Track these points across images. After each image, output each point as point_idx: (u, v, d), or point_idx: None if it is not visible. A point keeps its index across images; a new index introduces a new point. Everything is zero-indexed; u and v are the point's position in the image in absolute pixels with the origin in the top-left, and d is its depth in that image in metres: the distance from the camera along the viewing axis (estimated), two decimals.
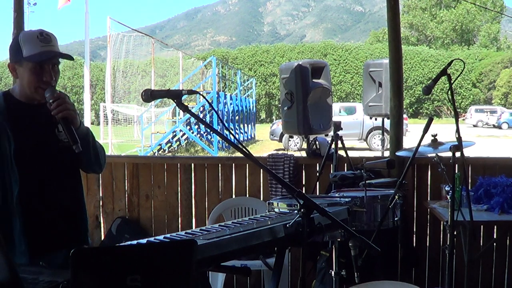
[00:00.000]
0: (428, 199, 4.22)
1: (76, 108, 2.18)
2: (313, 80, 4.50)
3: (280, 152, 4.65)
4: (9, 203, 2.15)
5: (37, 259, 2.11)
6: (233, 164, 4.45)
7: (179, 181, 4.50)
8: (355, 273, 2.92)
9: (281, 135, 18.33)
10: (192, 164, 4.54)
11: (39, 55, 2.12)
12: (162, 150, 18.18)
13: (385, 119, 5.39)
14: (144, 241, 1.69)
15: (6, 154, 2.13)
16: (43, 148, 2.21)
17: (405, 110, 13.58)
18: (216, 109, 17.48)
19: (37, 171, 2.20)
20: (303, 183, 4.40)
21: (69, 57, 2.23)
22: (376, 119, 5.76)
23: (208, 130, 18.19)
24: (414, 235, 4.26)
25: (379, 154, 6.06)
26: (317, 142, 4.42)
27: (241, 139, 21.24)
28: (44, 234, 2.21)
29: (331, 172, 3.94)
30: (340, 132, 4.06)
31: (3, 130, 2.14)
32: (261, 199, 4.33)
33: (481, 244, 4.11)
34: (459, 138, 2.88)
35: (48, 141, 2.21)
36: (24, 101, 2.21)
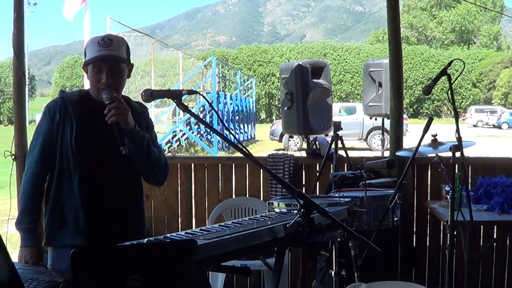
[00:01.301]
0: (428, 199, 4.22)
1: (127, 113, 2.25)
2: (313, 80, 4.50)
3: (280, 152, 4.65)
4: (70, 185, 2.29)
5: (95, 240, 2.26)
6: (233, 164, 4.45)
7: (179, 181, 4.50)
8: (355, 273, 2.93)
9: (281, 135, 18.32)
10: (192, 164, 4.53)
11: (93, 59, 2.25)
12: None
13: (385, 119, 5.38)
14: (144, 241, 1.69)
15: (67, 139, 2.27)
16: (104, 147, 2.30)
17: (405, 110, 13.56)
18: (216, 109, 17.48)
19: (97, 169, 2.30)
20: (303, 183, 4.40)
21: (123, 60, 2.30)
22: (376, 119, 5.75)
23: (208, 130, 18.19)
24: (414, 235, 4.25)
25: (379, 154, 6.06)
26: (317, 142, 4.42)
27: (241, 139, 21.24)
28: (100, 224, 2.31)
29: (331, 172, 3.94)
30: (340, 132, 4.06)
31: (68, 116, 2.29)
32: (261, 199, 4.33)
33: (481, 244, 4.11)
34: (459, 138, 2.87)
35: (110, 141, 2.27)
36: (98, 100, 2.32)
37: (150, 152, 2.33)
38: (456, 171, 3.31)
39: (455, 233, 2.93)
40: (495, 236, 4.09)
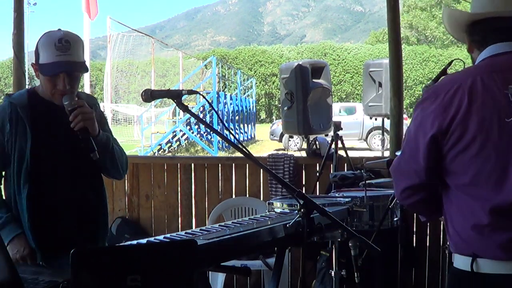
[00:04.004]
0: None
1: (93, 116, 2.17)
2: (313, 80, 4.51)
3: (280, 152, 4.66)
4: (20, 199, 2.18)
5: (49, 259, 2.15)
6: (233, 164, 4.45)
7: (179, 181, 4.50)
8: (355, 273, 2.92)
9: (281, 135, 18.31)
10: (192, 164, 4.54)
11: (50, 67, 2.11)
12: (162, 150, 18.17)
13: (385, 119, 5.38)
14: (144, 241, 1.69)
15: (23, 152, 2.16)
16: (59, 148, 2.21)
17: (405, 110, 13.55)
18: (216, 109, 17.48)
19: (50, 170, 2.22)
20: (303, 183, 4.40)
21: (84, 69, 2.18)
22: (376, 119, 5.76)
23: (208, 130, 18.19)
24: (414, 235, 4.25)
25: (379, 154, 6.07)
26: (317, 142, 4.43)
27: (241, 139, 21.23)
28: (52, 235, 2.21)
29: (331, 172, 3.94)
30: (340, 132, 4.07)
31: (22, 128, 2.17)
32: (261, 199, 4.33)
33: None
34: None
35: (66, 141, 2.21)
36: (48, 99, 2.23)
37: (114, 151, 2.28)
38: None
39: None
40: None
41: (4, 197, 2.27)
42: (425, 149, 1.65)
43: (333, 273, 2.82)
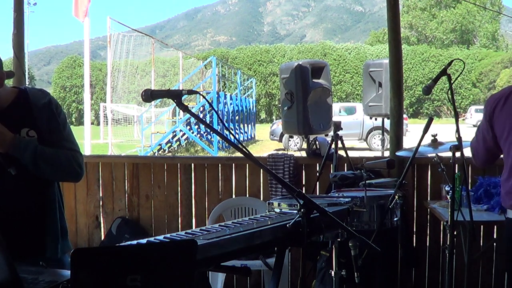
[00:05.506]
0: (428, 199, 4.22)
1: (3, 131, 2.04)
2: (313, 80, 4.50)
3: (280, 152, 4.65)
4: None
5: None
6: (233, 164, 4.45)
7: (179, 181, 4.50)
8: (355, 273, 2.92)
9: (281, 135, 18.32)
10: (192, 164, 4.54)
11: None
12: (162, 150, 18.17)
13: (385, 119, 5.38)
14: (144, 241, 1.69)
15: None
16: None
17: (405, 110, 13.56)
18: (216, 109, 17.47)
19: None
20: (303, 183, 4.40)
21: None
22: (376, 119, 5.76)
23: (208, 130, 18.19)
24: (414, 235, 4.25)
25: (379, 154, 6.06)
26: (317, 142, 4.42)
27: (241, 139, 21.24)
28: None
29: (331, 172, 3.94)
30: (340, 132, 4.06)
31: None
32: (261, 199, 4.33)
33: (481, 244, 4.10)
34: (459, 138, 2.88)
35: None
36: None
37: (44, 155, 2.09)
38: (456, 171, 3.31)
39: (455, 233, 2.93)
40: (495, 236, 4.09)
41: None
42: (487, 134, 2.69)
43: (333, 273, 2.82)
